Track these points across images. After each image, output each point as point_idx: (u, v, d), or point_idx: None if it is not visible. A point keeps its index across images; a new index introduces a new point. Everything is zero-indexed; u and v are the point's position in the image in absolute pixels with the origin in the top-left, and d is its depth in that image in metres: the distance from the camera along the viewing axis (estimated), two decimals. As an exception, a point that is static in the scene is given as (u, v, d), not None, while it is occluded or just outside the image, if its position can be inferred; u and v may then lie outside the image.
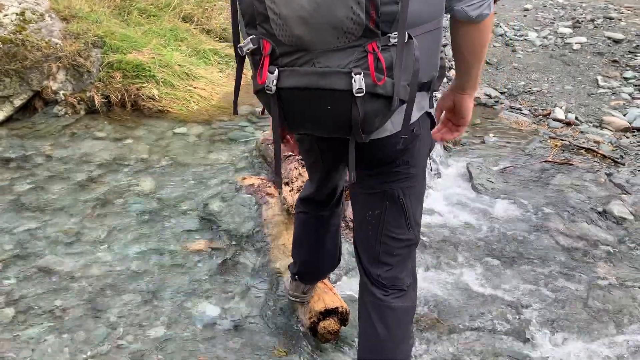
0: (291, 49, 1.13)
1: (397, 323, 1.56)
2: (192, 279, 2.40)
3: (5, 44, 3.75)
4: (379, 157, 1.40)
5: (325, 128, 1.24)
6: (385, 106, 1.15)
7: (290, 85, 1.14)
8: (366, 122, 1.16)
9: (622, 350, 2.21)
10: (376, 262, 1.55)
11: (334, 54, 1.11)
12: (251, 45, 1.16)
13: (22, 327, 2.10)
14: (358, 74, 1.09)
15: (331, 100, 1.14)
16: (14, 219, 2.79)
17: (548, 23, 7.34)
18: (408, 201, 1.49)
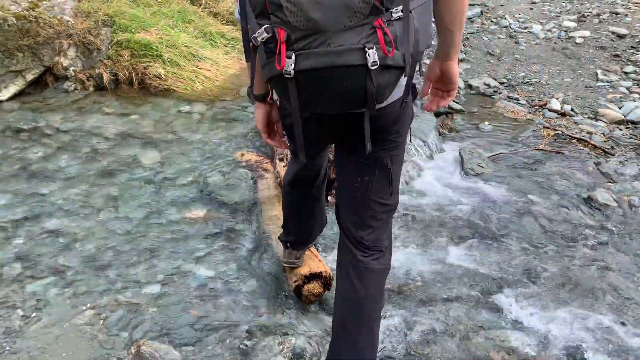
0: (305, 33, 1.20)
1: (375, 283, 1.70)
2: (189, 243, 2.55)
3: (19, 20, 3.89)
4: (379, 126, 1.49)
5: (339, 104, 1.32)
6: (396, 76, 1.27)
7: (308, 67, 1.21)
8: (378, 93, 1.25)
9: (585, 325, 2.33)
10: (361, 225, 1.67)
11: (346, 33, 1.19)
12: (265, 35, 1.22)
13: (29, 280, 2.27)
14: (371, 48, 1.19)
15: (347, 75, 1.22)
16: (23, 185, 2.95)
17: (554, 16, 7.39)
18: (394, 168, 1.62)
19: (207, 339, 2.00)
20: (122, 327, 2.04)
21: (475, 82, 5.22)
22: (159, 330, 2.03)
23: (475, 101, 4.89)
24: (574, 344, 2.23)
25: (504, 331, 2.28)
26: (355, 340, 1.67)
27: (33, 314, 2.08)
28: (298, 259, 2.28)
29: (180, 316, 2.11)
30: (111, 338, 1.98)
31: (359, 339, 1.67)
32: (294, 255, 2.27)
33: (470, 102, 4.86)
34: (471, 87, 5.17)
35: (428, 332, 2.21)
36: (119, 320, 2.07)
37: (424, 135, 3.85)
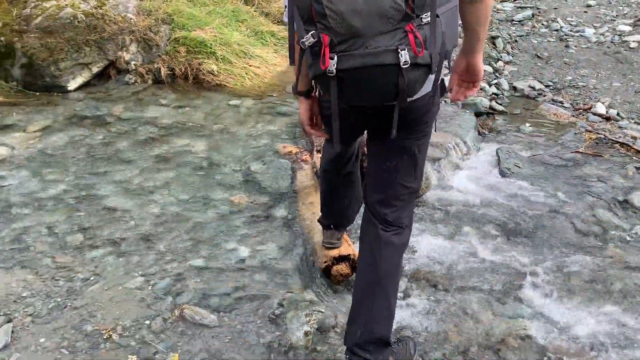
0: (346, 37, 1.39)
1: (393, 255, 1.89)
2: (231, 224, 2.77)
3: (87, 17, 4.25)
4: (410, 118, 1.69)
5: (375, 98, 1.52)
6: (425, 73, 1.46)
7: (349, 67, 1.41)
8: (409, 88, 1.44)
9: (607, 324, 2.37)
10: (386, 204, 1.86)
11: (381, 36, 1.39)
12: (312, 39, 1.42)
13: (88, 249, 2.54)
14: (403, 50, 1.38)
15: (382, 73, 1.41)
16: (87, 166, 3.25)
17: (608, 20, 7.24)
18: (420, 155, 1.82)
19: (242, 308, 2.20)
20: (167, 293, 2.27)
21: (520, 85, 5.24)
22: (199, 297, 2.25)
23: (519, 103, 4.92)
24: (594, 341, 2.28)
25: (524, 321, 2.37)
26: (372, 306, 1.84)
27: (91, 277, 2.34)
28: (339, 240, 2.46)
29: (219, 286, 2.32)
30: (158, 301, 2.22)
31: (376, 305, 1.85)
32: (335, 236, 2.45)
33: (514, 103, 4.90)
34: (515, 89, 5.20)
35: (448, 316, 2.33)
36: (165, 286, 2.31)
37: (463, 134, 3.94)
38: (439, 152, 3.60)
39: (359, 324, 1.85)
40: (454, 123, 4.04)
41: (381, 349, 1.87)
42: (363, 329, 1.84)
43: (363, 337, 1.84)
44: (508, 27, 7.12)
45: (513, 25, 7.24)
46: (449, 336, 2.24)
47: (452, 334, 2.26)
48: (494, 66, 5.68)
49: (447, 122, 4.06)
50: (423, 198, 3.25)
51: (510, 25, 7.23)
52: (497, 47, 6.21)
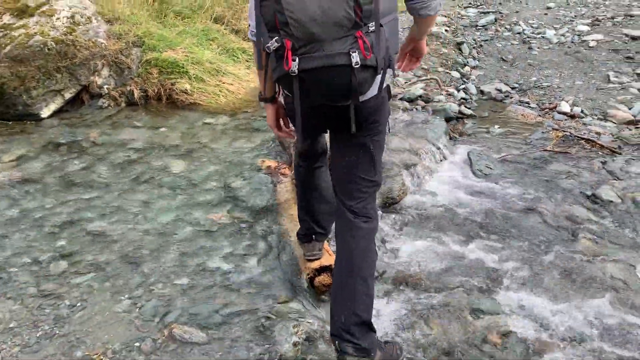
0: (306, 42, 1.61)
1: (364, 238, 2.06)
2: (214, 242, 2.81)
3: (58, 44, 4.26)
4: (363, 118, 1.90)
5: (332, 96, 1.73)
6: (372, 74, 1.68)
7: (308, 67, 1.62)
8: (360, 86, 1.66)
9: (583, 313, 2.47)
10: (350, 197, 2.05)
11: (336, 41, 1.61)
12: (276, 44, 1.62)
13: (73, 275, 2.55)
14: (354, 52, 1.60)
15: (337, 73, 1.63)
16: (65, 192, 3.26)
17: (568, 21, 7.50)
18: (375, 151, 2.02)
19: (230, 322, 2.24)
20: (155, 314, 2.29)
21: (487, 88, 5.40)
22: (187, 316, 2.28)
23: (487, 106, 5.06)
24: (572, 330, 2.38)
25: (504, 317, 2.44)
26: (353, 289, 1.98)
27: (78, 303, 2.35)
28: (320, 250, 2.54)
29: (206, 304, 2.36)
30: (146, 323, 2.24)
31: (357, 289, 1.98)
32: (317, 248, 2.53)
33: (482, 107, 5.04)
34: (483, 93, 5.35)
35: (431, 316, 2.40)
36: (152, 308, 2.33)
37: (435, 139, 4.05)
38: (413, 158, 3.70)
39: (342, 309, 1.96)
40: (425, 129, 4.14)
41: (366, 334, 1.97)
42: (347, 312, 1.95)
43: (348, 321, 1.94)
44: (473, 33, 7.32)
45: (477, 30, 7.45)
46: (433, 337, 2.31)
47: (436, 335, 2.32)
48: (461, 71, 5.83)
49: (419, 128, 4.16)
50: (401, 203, 3.33)
51: (475, 31, 7.43)
52: (463, 52, 6.38)
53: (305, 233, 2.53)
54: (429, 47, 6.22)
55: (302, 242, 2.57)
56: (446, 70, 5.66)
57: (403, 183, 3.39)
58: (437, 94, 4.95)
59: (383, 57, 1.68)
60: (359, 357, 1.93)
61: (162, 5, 5.62)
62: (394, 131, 4.09)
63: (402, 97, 4.80)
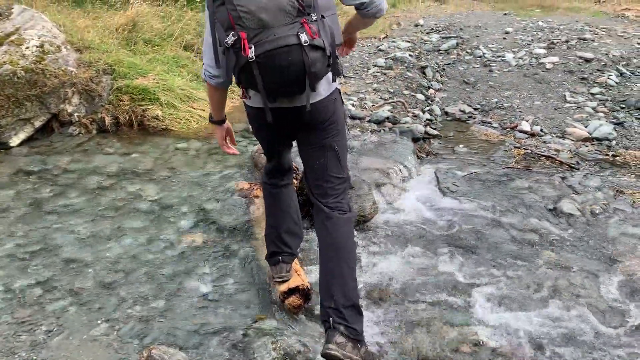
0: (258, 31, 1.82)
1: (343, 227, 2.22)
2: (190, 263, 2.84)
3: (27, 73, 4.26)
4: (318, 119, 2.10)
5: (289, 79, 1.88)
6: (322, 55, 1.87)
7: (264, 50, 1.81)
8: (312, 66, 1.85)
9: (547, 320, 2.59)
10: (325, 195, 2.23)
11: (284, 27, 1.83)
12: (233, 38, 1.82)
13: (48, 302, 2.54)
14: (301, 33, 1.82)
15: (289, 52, 1.82)
16: (37, 220, 3.25)
17: (525, 45, 7.86)
18: (339, 150, 2.21)
19: (209, 342, 2.27)
20: (133, 336, 2.31)
21: (451, 109, 5.60)
22: (166, 336, 2.30)
23: (451, 126, 5.25)
24: (538, 338, 2.49)
25: (474, 328, 2.54)
26: (341, 272, 2.13)
27: (55, 329, 2.35)
28: (288, 272, 2.57)
29: (184, 324, 2.38)
30: (125, 345, 2.25)
31: (344, 271, 2.14)
32: (285, 269, 2.56)
33: (447, 127, 5.23)
34: (447, 114, 5.55)
35: (404, 330, 2.48)
36: (130, 330, 2.34)
37: (403, 159, 4.18)
38: (383, 177, 3.81)
39: (332, 293, 2.10)
40: (393, 150, 4.28)
41: (357, 317, 2.11)
42: (338, 295, 2.09)
43: (338, 303, 2.08)
44: (436, 57, 7.59)
45: (440, 54, 7.73)
46: (406, 349, 2.38)
47: (409, 347, 2.40)
48: (425, 94, 6.04)
49: (388, 149, 4.30)
50: (372, 222, 3.43)
51: (438, 55, 7.71)
52: (427, 76, 6.61)
53: (272, 254, 2.59)
54: (394, 71, 6.42)
55: (270, 264, 2.61)
56: (411, 93, 5.85)
57: (374, 202, 3.49)
58: (403, 116, 5.12)
59: (330, 44, 1.89)
60: (351, 336, 2.05)
61: (132, 34, 5.68)
62: (363, 152, 4.22)
63: (370, 119, 4.95)
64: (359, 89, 5.85)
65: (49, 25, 4.77)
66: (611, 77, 6.29)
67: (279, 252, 2.56)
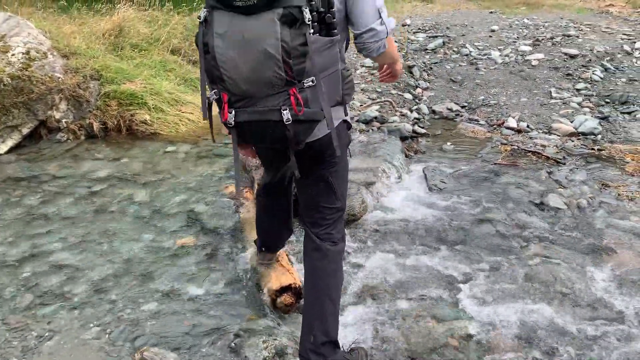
0: (240, 97, 1.70)
1: (331, 260, 2.13)
2: (181, 266, 2.85)
3: (13, 80, 4.26)
4: (315, 155, 1.98)
5: (271, 143, 1.83)
6: (306, 126, 1.73)
7: (242, 120, 1.71)
8: (296, 137, 1.73)
9: (534, 314, 2.63)
10: (315, 224, 2.13)
11: (269, 98, 1.67)
12: (214, 96, 1.74)
13: (39, 307, 2.54)
14: (285, 109, 1.66)
15: (270, 127, 1.71)
16: (27, 226, 3.24)
17: (511, 42, 7.93)
18: (334, 181, 2.07)
19: (201, 343, 2.29)
20: (125, 339, 2.32)
21: (439, 108, 5.65)
22: (158, 339, 2.31)
23: (439, 125, 5.30)
24: (526, 331, 2.52)
25: (462, 322, 2.57)
26: (322, 309, 2.07)
27: (46, 334, 2.35)
28: (271, 260, 2.68)
29: (176, 326, 2.39)
30: (116, 348, 2.26)
31: (325, 308, 2.07)
32: (267, 258, 2.68)
33: (434, 125, 5.27)
34: (435, 112, 5.60)
35: (395, 324, 2.51)
36: (121, 333, 2.35)
37: (391, 158, 4.21)
38: (371, 176, 3.84)
39: (312, 329, 2.04)
40: (382, 149, 4.31)
41: (334, 350, 2.06)
42: (317, 332, 2.03)
43: (317, 340, 2.02)
44: (422, 56, 7.64)
45: (427, 53, 7.78)
46: (397, 343, 2.41)
47: (400, 341, 2.43)
48: (413, 93, 6.08)
49: (376, 148, 4.33)
50: (361, 220, 3.46)
51: (425, 54, 7.76)
52: (414, 75, 6.65)
53: (259, 244, 2.70)
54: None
55: (257, 249, 2.73)
56: (399, 93, 5.90)
57: (363, 200, 3.52)
58: (391, 115, 5.16)
59: (322, 109, 1.70)
60: None
61: (119, 39, 5.67)
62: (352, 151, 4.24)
63: (359, 119, 4.98)
64: (347, 89, 5.87)
65: (35, 32, 4.76)
66: (596, 73, 6.37)
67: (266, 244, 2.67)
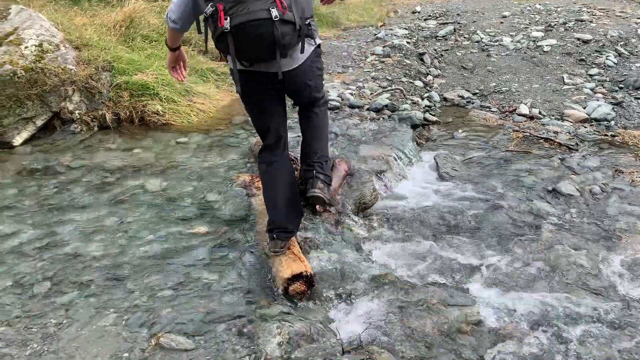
0: (233, 4, 2.06)
1: (323, 117, 2.92)
2: (194, 254, 2.89)
3: (27, 72, 4.30)
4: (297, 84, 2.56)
5: (260, 49, 2.16)
6: (292, 29, 2.14)
7: (238, 22, 2.06)
8: (283, 38, 2.11)
9: (546, 300, 2.63)
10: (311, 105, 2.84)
11: (257, 2, 2.07)
12: (211, 9, 2.08)
13: (57, 295, 2.59)
14: (273, 8, 2.07)
15: (260, 25, 2.07)
16: (43, 216, 3.29)
17: (523, 28, 7.84)
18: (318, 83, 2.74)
19: (215, 329, 2.32)
20: (141, 325, 2.36)
21: (450, 95, 5.62)
22: (173, 325, 2.35)
23: (450, 112, 5.27)
24: (539, 317, 2.53)
25: (475, 308, 2.58)
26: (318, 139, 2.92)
27: (64, 321, 2.40)
28: (282, 248, 2.68)
29: (190, 313, 2.43)
30: (133, 334, 2.31)
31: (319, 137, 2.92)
32: (279, 245, 2.67)
33: (446, 113, 5.25)
34: (446, 100, 5.57)
35: (407, 312, 2.52)
36: (138, 320, 2.40)
37: (402, 146, 4.21)
38: (383, 165, 3.85)
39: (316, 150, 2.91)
40: (393, 137, 4.31)
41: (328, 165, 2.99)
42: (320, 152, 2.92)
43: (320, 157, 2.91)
44: (433, 43, 7.59)
45: (438, 41, 7.73)
46: (411, 330, 2.43)
47: (414, 328, 2.44)
48: (423, 80, 6.05)
49: (387, 136, 4.32)
50: (373, 208, 3.47)
51: (435, 41, 7.70)
52: (425, 62, 6.62)
53: (270, 229, 2.70)
54: (392, 58, 6.44)
55: (269, 238, 2.72)
56: (410, 80, 5.87)
57: (374, 189, 3.53)
58: (402, 103, 5.15)
59: (300, 17, 2.16)
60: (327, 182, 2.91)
61: (130, 30, 5.69)
62: (363, 140, 4.25)
63: (369, 107, 4.97)
64: (358, 77, 5.87)
65: (47, 24, 4.79)
66: (609, 58, 6.29)
67: (276, 227, 2.67)
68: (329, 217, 3.21)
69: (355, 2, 10.65)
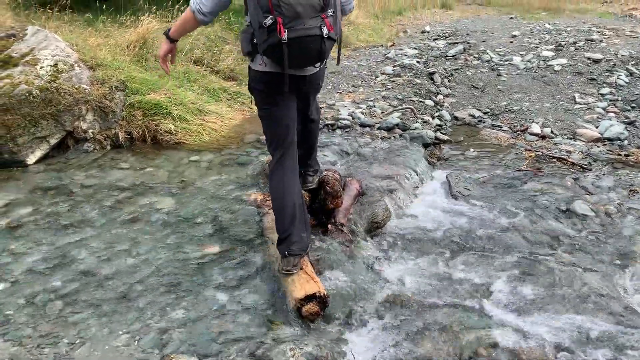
0: (291, 19, 2.29)
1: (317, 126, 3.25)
2: (206, 274, 2.88)
3: (42, 92, 4.35)
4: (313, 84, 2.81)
5: (308, 59, 2.47)
6: (332, 44, 2.45)
7: (295, 36, 2.31)
8: (326, 52, 2.43)
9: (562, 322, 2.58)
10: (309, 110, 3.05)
11: (311, 19, 2.33)
12: (270, 21, 2.28)
13: (69, 314, 2.59)
14: (323, 27, 2.35)
15: (314, 41, 2.36)
16: (56, 235, 3.30)
17: (533, 48, 7.86)
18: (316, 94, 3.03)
19: (228, 350, 2.30)
20: (153, 346, 2.34)
21: (461, 114, 5.61)
22: (186, 346, 2.34)
23: (461, 131, 5.26)
24: (555, 340, 2.48)
25: (490, 330, 2.53)
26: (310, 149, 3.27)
27: (77, 341, 2.39)
28: (295, 267, 2.66)
29: (203, 334, 2.42)
30: (145, 355, 2.29)
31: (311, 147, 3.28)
32: (291, 263, 2.66)
33: (457, 132, 5.24)
34: (457, 119, 5.56)
35: (422, 334, 2.49)
36: (151, 340, 2.38)
37: (414, 165, 4.20)
38: (394, 184, 3.83)
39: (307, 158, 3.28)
40: (404, 156, 4.30)
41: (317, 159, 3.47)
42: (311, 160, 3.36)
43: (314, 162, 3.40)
44: (443, 63, 7.61)
45: (447, 60, 7.75)
46: (425, 353, 2.39)
47: (428, 351, 2.41)
48: (434, 99, 6.06)
49: (398, 155, 4.32)
50: (385, 228, 3.45)
51: (445, 61, 7.73)
52: (435, 82, 6.63)
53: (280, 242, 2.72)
54: (402, 78, 6.46)
55: (281, 257, 2.71)
56: (420, 99, 5.88)
57: (386, 208, 3.51)
58: (413, 122, 5.15)
59: (339, 35, 2.48)
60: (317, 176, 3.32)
61: (143, 50, 5.77)
62: (374, 159, 4.24)
63: (380, 126, 4.98)
64: (368, 96, 5.89)
65: (62, 45, 4.87)
66: (621, 77, 6.28)
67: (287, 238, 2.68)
68: (341, 237, 3.19)
69: (364, 23, 10.74)
